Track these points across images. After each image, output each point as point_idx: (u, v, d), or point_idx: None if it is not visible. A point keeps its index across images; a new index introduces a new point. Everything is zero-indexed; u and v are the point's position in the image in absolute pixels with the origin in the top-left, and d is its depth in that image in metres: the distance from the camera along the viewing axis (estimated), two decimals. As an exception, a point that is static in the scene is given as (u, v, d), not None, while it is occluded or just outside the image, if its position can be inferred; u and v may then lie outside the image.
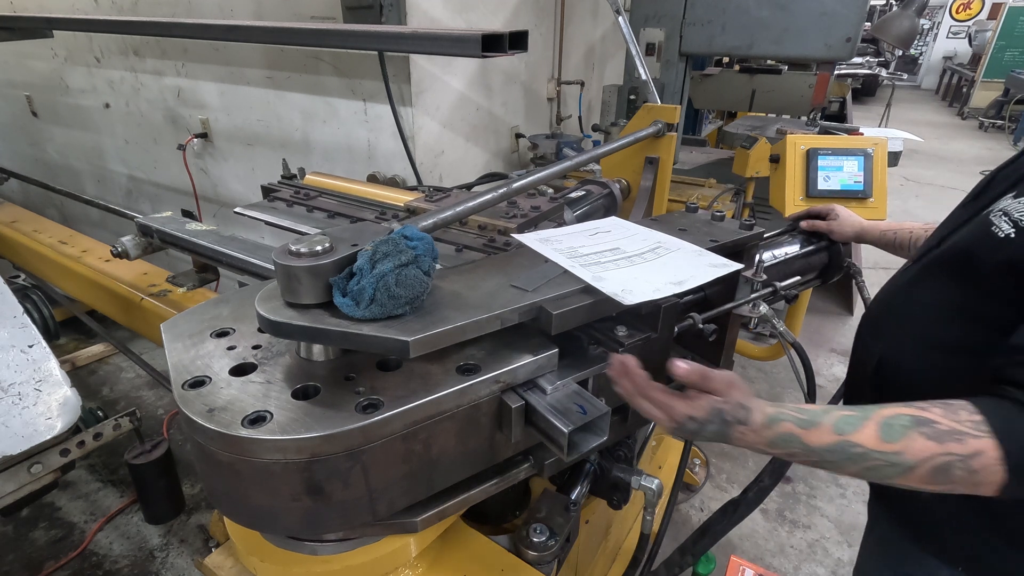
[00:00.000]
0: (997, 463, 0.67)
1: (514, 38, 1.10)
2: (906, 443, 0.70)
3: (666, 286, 0.88)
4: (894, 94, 7.73)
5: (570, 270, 0.91)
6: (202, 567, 1.00)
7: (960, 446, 0.68)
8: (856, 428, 0.72)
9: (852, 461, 0.71)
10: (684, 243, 1.05)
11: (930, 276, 0.96)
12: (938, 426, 0.70)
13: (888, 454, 0.70)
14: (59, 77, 3.70)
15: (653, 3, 2.72)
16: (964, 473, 0.68)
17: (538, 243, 1.02)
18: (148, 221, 1.56)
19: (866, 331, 1.08)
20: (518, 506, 1.31)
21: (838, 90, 5.67)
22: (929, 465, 0.69)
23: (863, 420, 0.73)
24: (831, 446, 0.72)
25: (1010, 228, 0.79)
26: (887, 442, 0.70)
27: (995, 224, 0.82)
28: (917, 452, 0.69)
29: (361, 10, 2.15)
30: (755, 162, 2.46)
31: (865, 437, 0.71)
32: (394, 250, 0.76)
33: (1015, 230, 0.79)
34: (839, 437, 0.72)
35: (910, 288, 1.00)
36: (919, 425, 0.70)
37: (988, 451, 0.68)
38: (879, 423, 0.72)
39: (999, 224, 0.81)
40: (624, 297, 0.83)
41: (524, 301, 0.83)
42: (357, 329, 0.73)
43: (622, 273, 0.92)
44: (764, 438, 0.75)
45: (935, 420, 0.70)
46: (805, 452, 0.74)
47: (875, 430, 0.71)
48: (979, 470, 0.68)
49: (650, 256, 1.00)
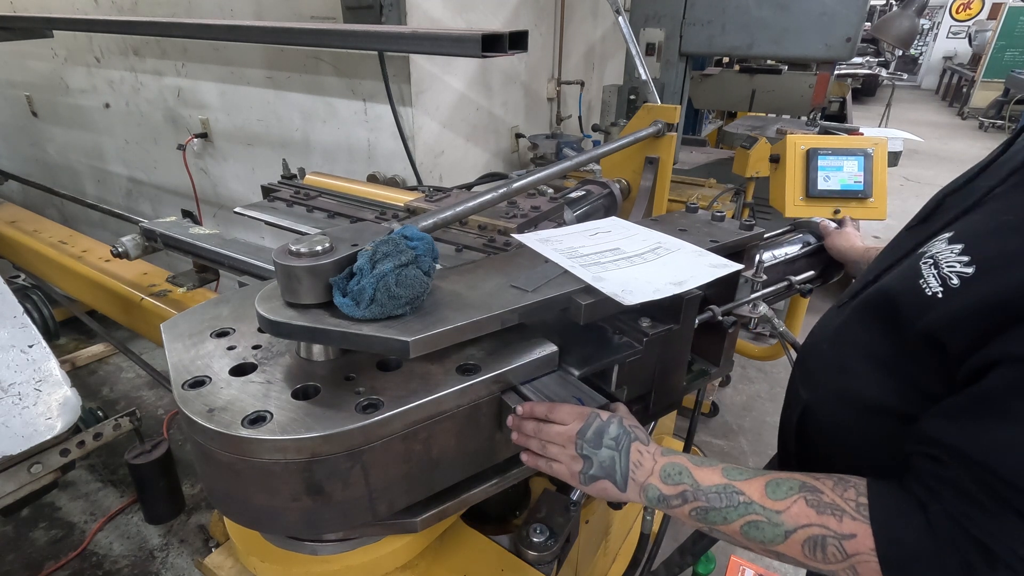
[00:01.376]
0: (870, 553, 0.62)
1: (514, 38, 1.10)
2: (788, 504, 0.67)
3: (666, 286, 0.88)
4: (894, 94, 7.73)
5: (570, 270, 0.91)
6: (202, 567, 1.00)
7: (836, 523, 0.64)
8: (745, 478, 0.71)
9: (735, 510, 0.69)
10: (684, 243, 1.06)
11: (858, 321, 0.85)
12: (822, 496, 0.66)
13: (770, 511, 0.67)
14: (59, 77, 3.70)
15: (653, 3, 2.72)
16: (839, 554, 0.64)
17: (538, 243, 1.02)
18: (153, 226, 1.56)
19: (797, 374, 0.98)
20: (518, 506, 1.31)
21: (838, 90, 5.67)
22: (804, 534, 0.65)
23: (754, 474, 0.71)
24: (718, 487, 0.71)
25: (938, 286, 0.67)
26: (771, 499, 0.68)
27: (923, 276, 0.70)
28: (794, 516, 0.66)
29: (361, 10, 2.15)
30: (755, 162, 2.46)
31: (751, 488, 0.70)
32: (394, 250, 0.76)
33: (942, 289, 0.67)
34: (727, 480, 0.71)
35: (838, 332, 0.90)
36: (804, 491, 0.67)
37: (862, 536, 0.63)
38: (767, 480, 0.70)
39: (927, 277, 0.69)
40: (624, 297, 0.83)
41: (524, 301, 0.84)
42: (357, 329, 0.73)
43: (622, 273, 0.92)
44: (658, 465, 0.75)
45: (822, 491, 0.67)
46: (693, 490, 0.72)
47: (762, 485, 0.70)
48: (853, 555, 0.63)
49: (650, 256, 1.00)
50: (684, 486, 0.73)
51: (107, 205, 2.37)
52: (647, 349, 0.95)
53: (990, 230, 0.68)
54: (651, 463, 0.76)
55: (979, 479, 0.59)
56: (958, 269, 0.66)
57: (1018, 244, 0.62)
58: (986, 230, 0.68)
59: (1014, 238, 0.63)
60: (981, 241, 0.67)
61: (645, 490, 0.75)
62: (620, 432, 0.77)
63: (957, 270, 0.66)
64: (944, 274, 0.67)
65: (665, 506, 0.74)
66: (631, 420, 0.81)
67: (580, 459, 0.77)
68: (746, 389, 3.39)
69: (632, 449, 0.76)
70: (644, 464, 0.76)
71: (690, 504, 0.72)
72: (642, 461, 0.76)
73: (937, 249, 0.71)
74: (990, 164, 0.80)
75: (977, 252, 0.66)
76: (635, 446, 0.77)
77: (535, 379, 0.86)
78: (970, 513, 0.59)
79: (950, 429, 0.64)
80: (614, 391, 0.99)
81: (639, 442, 0.77)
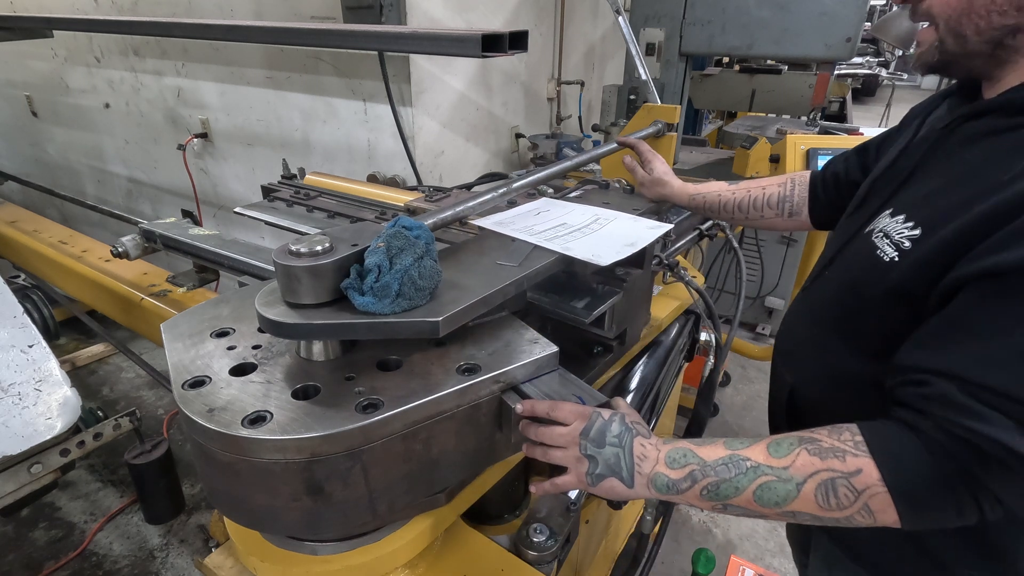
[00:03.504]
0: (878, 483, 0.66)
1: (514, 38, 1.10)
2: (792, 458, 0.70)
3: (624, 248, 1.02)
4: (894, 94, 7.73)
5: (541, 244, 1.02)
6: (202, 567, 1.00)
7: (840, 463, 0.67)
8: (746, 446, 0.73)
9: (745, 476, 0.71)
10: (618, 213, 1.20)
11: (823, 301, 0.95)
12: (821, 443, 0.70)
13: (777, 469, 0.70)
14: (59, 77, 3.70)
15: (653, 3, 2.72)
16: (850, 493, 0.67)
17: (498, 227, 1.11)
18: (152, 227, 1.56)
19: (778, 360, 1.07)
20: (518, 506, 1.31)
21: (838, 90, 5.67)
22: (814, 482, 0.68)
23: (752, 441, 0.74)
24: (724, 459, 0.73)
25: (893, 251, 0.77)
26: (775, 457, 0.71)
27: (879, 248, 0.80)
28: (801, 467, 0.69)
29: (361, 10, 2.15)
30: (755, 162, 2.46)
31: (755, 453, 0.72)
32: (408, 244, 0.77)
33: (898, 253, 0.77)
34: (730, 451, 0.73)
35: (809, 314, 0.98)
36: (804, 443, 0.71)
37: (867, 470, 0.66)
38: (768, 442, 0.73)
39: (882, 247, 0.79)
40: (597, 260, 0.96)
41: (522, 272, 0.92)
42: (384, 319, 0.75)
43: (582, 242, 1.04)
44: (662, 454, 0.76)
45: (819, 439, 0.70)
46: (700, 468, 0.73)
47: (763, 447, 0.72)
48: (863, 491, 0.66)
49: (595, 227, 1.13)
50: (691, 466, 0.74)
51: (107, 205, 2.38)
52: (627, 290, 1.15)
53: (922, 198, 0.80)
54: (655, 453, 0.76)
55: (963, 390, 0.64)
56: (907, 234, 0.77)
57: (946, 202, 0.74)
58: (920, 199, 0.80)
59: (942, 198, 0.75)
60: (919, 208, 0.78)
61: (653, 480, 0.75)
62: (622, 429, 0.78)
63: (906, 235, 0.77)
64: (896, 240, 0.78)
65: (675, 492, 0.74)
66: (633, 416, 0.81)
67: (585, 460, 0.77)
68: (746, 389, 3.39)
69: (635, 444, 0.77)
70: (648, 456, 0.76)
71: (700, 483, 0.73)
72: (646, 454, 0.77)
73: (883, 224, 0.82)
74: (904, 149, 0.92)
75: (918, 217, 0.77)
76: (638, 440, 0.77)
77: (535, 378, 0.86)
78: (957, 420, 0.64)
79: (926, 354, 0.70)
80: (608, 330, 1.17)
81: (641, 436, 0.78)
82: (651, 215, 1.28)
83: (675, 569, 2.24)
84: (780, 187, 1.24)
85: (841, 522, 0.69)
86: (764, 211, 1.25)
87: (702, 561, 1.59)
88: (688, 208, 1.39)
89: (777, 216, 1.24)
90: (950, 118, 0.84)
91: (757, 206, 1.26)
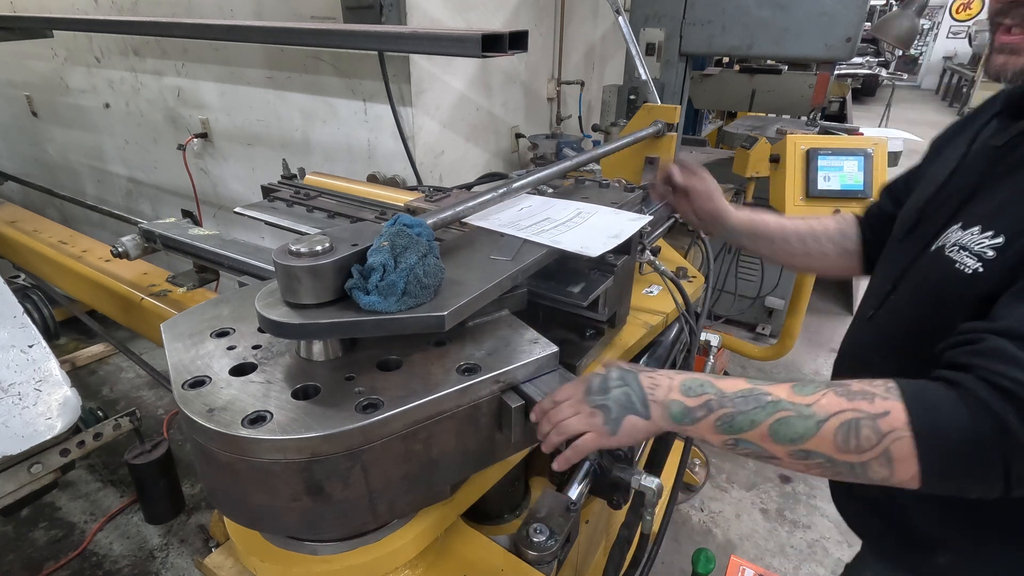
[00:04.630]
0: (905, 427, 0.64)
1: (514, 38, 1.09)
2: (817, 397, 0.69)
3: (610, 239, 1.05)
4: (894, 94, 7.72)
5: (530, 239, 1.04)
6: (202, 567, 1.00)
7: (868, 404, 0.66)
8: (770, 384, 0.73)
9: (764, 409, 0.70)
10: (599, 207, 1.23)
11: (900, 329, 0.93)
12: (850, 387, 0.69)
13: (799, 405, 0.69)
14: (59, 77, 3.70)
15: (653, 3, 2.72)
16: (873, 435, 0.65)
17: (485, 223, 1.13)
18: (152, 227, 1.56)
19: None
20: (518, 506, 1.31)
21: (838, 90, 5.67)
22: (837, 421, 0.66)
23: (777, 382, 0.73)
24: (743, 392, 0.72)
25: (976, 263, 0.76)
26: (799, 395, 0.70)
27: (957, 261, 0.79)
28: (825, 406, 0.67)
29: (361, 10, 2.15)
30: (755, 162, 2.46)
31: (778, 389, 0.71)
32: (411, 242, 0.77)
33: (981, 263, 0.76)
34: (751, 386, 0.72)
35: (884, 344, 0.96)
36: (832, 386, 0.70)
37: (895, 412, 0.65)
38: (793, 383, 0.72)
39: (961, 260, 0.78)
40: (586, 251, 0.99)
41: (518, 265, 0.94)
42: (390, 315, 0.76)
43: (569, 235, 1.06)
44: (676, 383, 0.75)
45: (849, 384, 0.69)
46: (718, 398, 0.72)
47: (789, 386, 0.71)
48: (888, 433, 0.64)
49: (579, 220, 1.15)
50: (708, 395, 0.73)
51: (107, 205, 2.38)
52: (616, 275, 1.19)
53: (997, 208, 0.79)
54: (667, 381, 0.76)
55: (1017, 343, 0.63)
56: (988, 244, 0.76)
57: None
58: (994, 209, 0.79)
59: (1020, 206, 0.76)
60: (995, 218, 0.77)
61: (668, 407, 0.74)
62: (622, 372, 0.79)
63: (987, 244, 0.76)
64: (977, 251, 0.77)
65: (689, 420, 0.73)
66: (629, 364, 0.82)
67: (598, 411, 0.77)
68: (746, 389, 3.38)
69: (642, 377, 0.78)
70: (660, 384, 0.76)
71: (715, 413, 0.72)
72: (657, 382, 0.77)
73: (956, 238, 0.81)
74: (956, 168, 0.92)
75: (999, 226, 0.76)
76: (643, 374, 0.78)
77: (535, 378, 0.86)
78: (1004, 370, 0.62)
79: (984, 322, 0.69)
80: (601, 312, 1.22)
81: (644, 373, 0.78)
82: (629, 208, 1.30)
83: (675, 569, 2.24)
84: (834, 221, 1.20)
85: (856, 471, 0.67)
86: (824, 244, 1.19)
87: (702, 561, 1.59)
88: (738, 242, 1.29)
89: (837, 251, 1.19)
90: (1009, 135, 0.84)
91: (817, 237, 1.20)
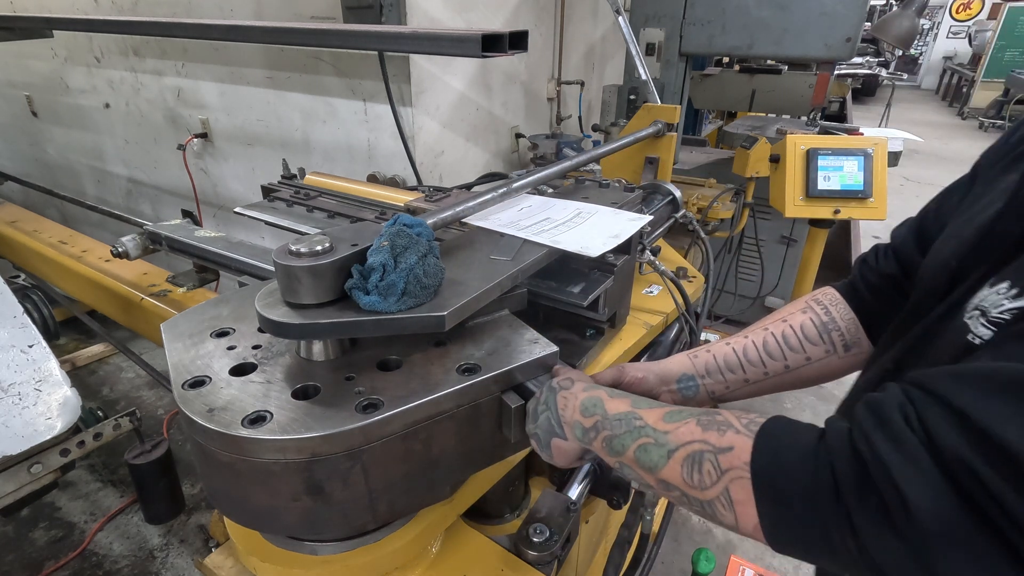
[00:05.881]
0: (744, 466, 0.55)
1: (514, 38, 1.10)
2: (678, 426, 0.63)
3: (610, 239, 1.04)
4: (894, 94, 7.72)
5: (530, 239, 1.03)
6: (202, 567, 1.00)
7: (718, 437, 0.59)
8: (650, 407, 0.69)
9: (631, 435, 0.67)
10: (599, 207, 1.22)
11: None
12: (716, 416, 0.62)
13: (660, 432, 0.64)
14: (59, 77, 3.70)
15: (653, 3, 2.72)
16: (714, 471, 0.58)
17: (485, 223, 1.13)
18: (158, 229, 1.56)
19: None
20: (518, 506, 1.31)
21: (838, 90, 5.67)
22: (685, 452, 0.61)
23: (660, 405, 0.69)
24: (622, 414, 0.69)
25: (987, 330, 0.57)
26: (665, 422, 0.65)
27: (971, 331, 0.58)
28: (681, 435, 0.62)
29: (361, 10, 2.15)
30: (755, 162, 2.46)
31: (652, 416, 0.67)
32: (412, 242, 0.77)
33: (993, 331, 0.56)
34: (631, 408, 0.70)
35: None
36: (702, 415, 0.64)
37: (739, 448, 0.57)
38: (669, 408, 0.67)
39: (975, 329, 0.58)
40: (586, 251, 0.99)
41: (518, 265, 0.93)
42: (390, 315, 0.76)
43: (569, 235, 1.06)
44: (578, 400, 0.75)
45: (719, 413, 0.63)
46: (603, 419, 0.71)
47: (662, 412, 0.67)
48: (727, 471, 0.57)
49: (578, 220, 1.15)
50: (596, 417, 0.73)
51: (107, 205, 2.38)
52: (616, 275, 1.20)
53: None
54: (574, 401, 0.77)
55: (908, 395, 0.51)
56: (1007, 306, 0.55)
57: None
58: None
59: None
60: None
61: (574, 428, 0.75)
62: (547, 393, 0.80)
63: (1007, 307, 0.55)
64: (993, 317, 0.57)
65: (587, 441, 0.74)
66: (564, 374, 0.83)
67: (533, 439, 0.80)
68: (746, 389, 3.38)
69: (558, 399, 0.78)
70: (569, 404, 0.77)
71: (601, 434, 0.71)
72: (567, 403, 0.77)
73: (979, 299, 0.60)
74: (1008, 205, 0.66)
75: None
76: (560, 395, 0.78)
77: (535, 379, 0.86)
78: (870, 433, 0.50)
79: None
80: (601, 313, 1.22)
81: (563, 391, 0.79)
82: (629, 208, 1.30)
83: (675, 569, 2.24)
84: (805, 313, 0.93)
85: (707, 511, 0.60)
86: (806, 349, 0.92)
87: (702, 561, 1.59)
88: (699, 394, 0.96)
89: (829, 352, 0.91)
90: None
91: (792, 345, 0.92)
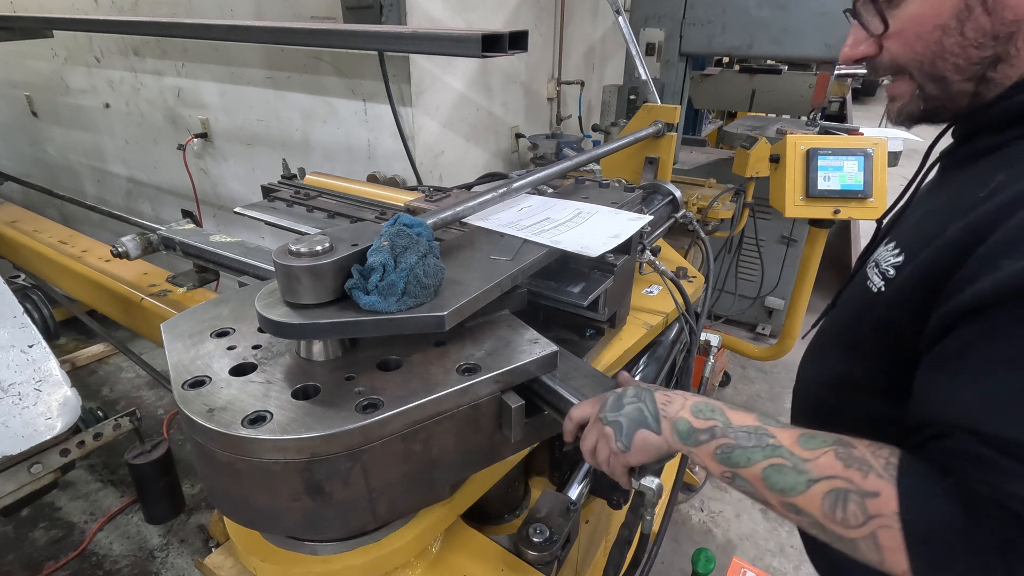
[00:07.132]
0: (894, 516, 0.58)
1: (514, 38, 1.10)
2: (817, 454, 0.64)
3: (609, 240, 1.05)
4: (894, 94, 7.70)
5: (530, 239, 1.03)
6: (202, 567, 1.00)
7: (861, 477, 0.61)
8: (778, 427, 0.69)
9: (762, 451, 0.67)
10: (599, 207, 1.22)
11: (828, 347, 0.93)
12: (853, 451, 0.63)
13: (797, 457, 0.65)
14: (59, 77, 3.70)
15: (653, 3, 2.72)
16: (860, 514, 0.60)
17: (485, 223, 1.13)
18: (171, 234, 1.55)
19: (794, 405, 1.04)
20: (518, 506, 1.31)
21: (838, 90, 5.65)
22: (827, 486, 0.62)
23: (788, 427, 0.69)
24: (749, 428, 0.69)
25: (880, 281, 0.75)
26: (801, 447, 0.66)
27: (869, 278, 0.78)
28: (821, 466, 0.63)
29: (361, 10, 2.15)
30: (755, 162, 2.46)
31: (784, 435, 0.67)
32: (412, 242, 0.77)
33: (884, 282, 0.75)
34: (759, 424, 0.70)
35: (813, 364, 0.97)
36: (838, 444, 0.65)
37: (885, 495, 0.59)
38: (802, 432, 0.68)
39: (872, 278, 0.77)
40: (587, 251, 0.99)
41: (517, 266, 0.94)
42: (390, 315, 0.76)
43: (569, 235, 1.06)
44: (689, 403, 0.74)
45: (855, 446, 0.64)
46: (723, 426, 0.71)
47: (796, 435, 0.67)
48: (875, 517, 0.59)
49: (578, 220, 1.15)
50: (715, 422, 0.72)
51: (107, 205, 2.38)
52: (617, 275, 1.20)
53: (913, 224, 0.79)
54: (681, 400, 0.76)
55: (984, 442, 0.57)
56: (892, 261, 0.75)
57: (930, 226, 0.71)
58: (911, 226, 0.79)
59: (928, 223, 0.73)
60: (908, 234, 0.77)
61: (676, 424, 0.74)
62: (638, 390, 0.79)
63: (891, 262, 0.75)
64: (883, 269, 0.76)
65: (693, 442, 0.72)
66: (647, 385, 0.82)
67: (610, 428, 0.77)
68: (746, 389, 3.39)
69: (657, 395, 0.77)
70: (673, 401, 0.76)
71: (717, 440, 0.70)
72: (670, 400, 0.76)
73: (878, 254, 0.81)
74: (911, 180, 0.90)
75: (904, 243, 0.76)
76: (659, 393, 0.78)
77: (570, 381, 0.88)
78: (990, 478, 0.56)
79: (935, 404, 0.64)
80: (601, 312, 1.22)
81: (663, 391, 0.79)
82: (629, 208, 1.30)
83: (675, 569, 2.24)
84: None
85: (846, 545, 0.63)
86: None
87: (702, 561, 1.59)
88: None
89: None
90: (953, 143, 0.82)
91: None
